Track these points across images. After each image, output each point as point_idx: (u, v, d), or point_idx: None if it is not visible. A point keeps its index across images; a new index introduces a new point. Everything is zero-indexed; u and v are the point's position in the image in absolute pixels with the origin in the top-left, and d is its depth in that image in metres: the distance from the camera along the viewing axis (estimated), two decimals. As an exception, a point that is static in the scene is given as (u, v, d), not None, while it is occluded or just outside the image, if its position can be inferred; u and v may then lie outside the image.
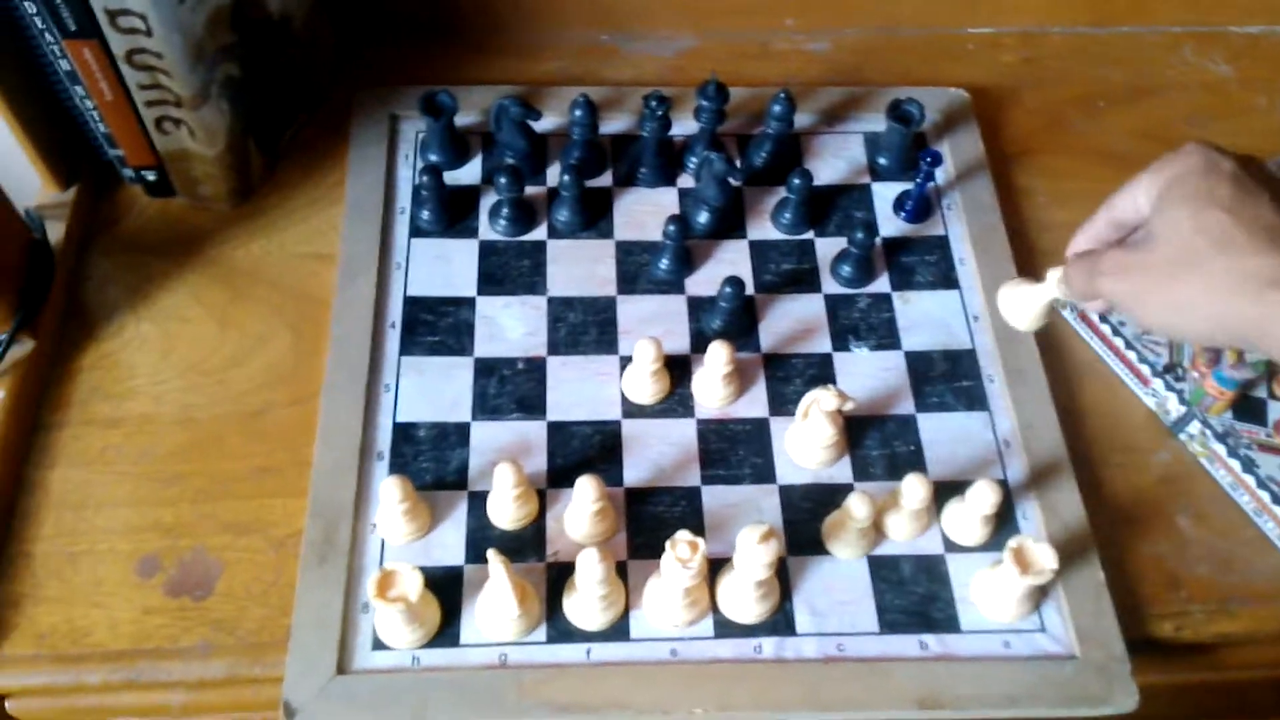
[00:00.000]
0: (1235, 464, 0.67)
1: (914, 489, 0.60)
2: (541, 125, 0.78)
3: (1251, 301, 0.48)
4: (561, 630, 0.59)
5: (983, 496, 0.60)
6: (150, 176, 0.73)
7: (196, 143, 0.70)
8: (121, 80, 0.65)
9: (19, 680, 0.57)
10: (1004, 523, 0.64)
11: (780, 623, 0.60)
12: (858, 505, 0.60)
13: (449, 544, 0.62)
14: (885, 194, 0.79)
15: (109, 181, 0.75)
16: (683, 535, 0.56)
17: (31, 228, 0.70)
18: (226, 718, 0.59)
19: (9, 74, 0.66)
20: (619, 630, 0.59)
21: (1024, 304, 0.60)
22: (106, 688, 0.57)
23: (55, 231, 0.71)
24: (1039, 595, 0.62)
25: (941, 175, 0.80)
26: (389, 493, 0.58)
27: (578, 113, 0.74)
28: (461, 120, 0.78)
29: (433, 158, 0.77)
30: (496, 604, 0.57)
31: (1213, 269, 0.49)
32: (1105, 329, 0.72)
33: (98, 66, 0.64)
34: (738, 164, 0.79)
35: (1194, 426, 0.68)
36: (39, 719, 0.59)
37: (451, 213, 0.74)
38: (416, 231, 0.74)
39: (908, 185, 0.78)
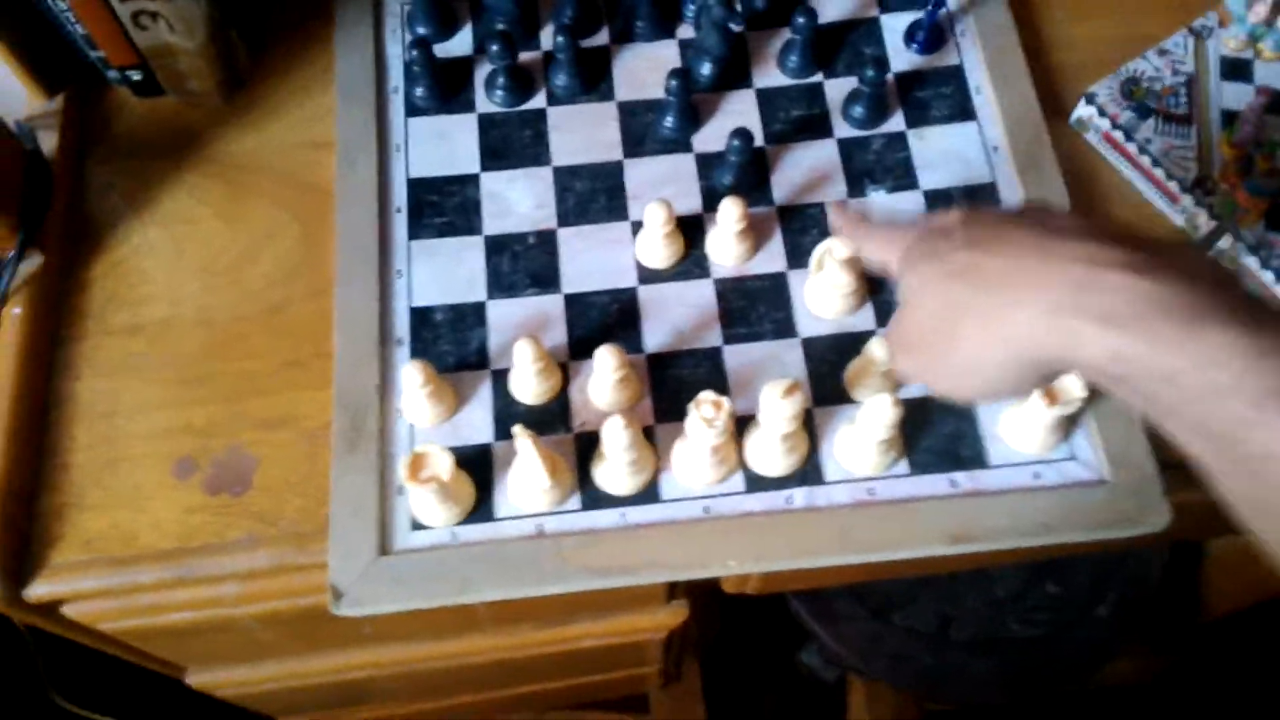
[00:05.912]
0: (1268, 275, 0.65)
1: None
2: (529, -16, 0.75)
3: (1045, 330, 0.44)
4: (594, 497, 0.60)
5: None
6: (135, 76, 0.71)
7: (176, 36, 0.67)
8: (91, -24, 0.63)
9: (73, 585, 0.59)
10: (1031, 357, 0.63)
11: (810, 473, 0.61)
12: (879, 349, 0.59)
13: (476, 423, 0.62)
14: (895, 25, 0.75)
15: (95, 85, 0.73)
16: (706, 395, 0.56)
17: (24, 140, 0.69)
18: (278, 604, 0.61)
19: (-25, -17, 0.63)
20: (650, 493, 0.60)
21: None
22: (160, 585, 0.59)
23: (48, 142, 0.70)
24: (1068, 425, 0.61)
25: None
26: (410, 378, 0.58)
27: (565, -33, 0.71)
28: (446, -14, 0.75)
29: (421, 30, 0.74)
30: (528, 478, 0.57)
31: (982, 312, 0.46)
32: (1131, 147, 0.69)
33: (64, -37, 0.62)
34: (738, 7, 0.76)
35: (1225, 241, 0.66)
36: (97, 619, 0.61)
37: (446, 87, 0.72)
38: (412, 110, 0.72)
39: (918, 14, 0.74)
